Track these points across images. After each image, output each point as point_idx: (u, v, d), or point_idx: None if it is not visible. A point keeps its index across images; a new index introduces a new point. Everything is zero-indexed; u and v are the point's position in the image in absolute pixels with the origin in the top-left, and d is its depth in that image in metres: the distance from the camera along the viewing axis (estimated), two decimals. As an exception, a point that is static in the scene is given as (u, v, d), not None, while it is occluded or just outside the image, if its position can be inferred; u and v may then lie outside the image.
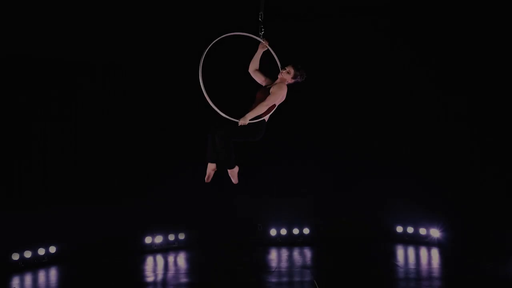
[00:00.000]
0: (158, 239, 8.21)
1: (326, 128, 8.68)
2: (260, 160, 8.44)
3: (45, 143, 8.21)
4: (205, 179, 5.06)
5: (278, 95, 4.78)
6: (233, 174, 5.15)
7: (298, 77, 4.90)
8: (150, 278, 6.68)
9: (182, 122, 8.69)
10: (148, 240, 8.17)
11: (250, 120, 4.67)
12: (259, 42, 4.90)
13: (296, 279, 6.46)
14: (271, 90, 4.79)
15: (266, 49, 4.93)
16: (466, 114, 8.32)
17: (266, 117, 4.83)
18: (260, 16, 4.91)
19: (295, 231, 8.49)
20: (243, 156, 8.67)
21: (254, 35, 4.89)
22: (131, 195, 8.44)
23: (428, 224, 8.07)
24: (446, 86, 8.43)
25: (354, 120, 8.73)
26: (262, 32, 4.90)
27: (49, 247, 7.50)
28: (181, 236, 8.40)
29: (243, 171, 8.62)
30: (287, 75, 4.88)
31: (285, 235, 8.48)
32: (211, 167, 5.02)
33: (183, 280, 6.54)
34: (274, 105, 4.82)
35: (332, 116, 8.73)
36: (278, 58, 4.98)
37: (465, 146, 8.32)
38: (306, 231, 8.48)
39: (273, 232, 8.49)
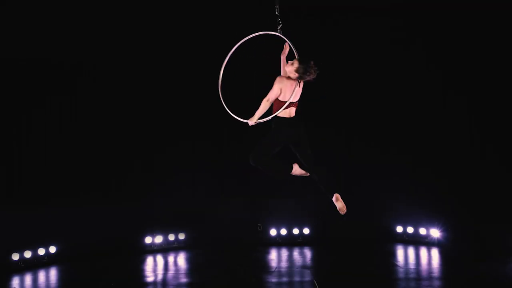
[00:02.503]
0: (158, 239, 8.21)
1: (326, 128, 8.67)
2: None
3: (45, 143, 8.22)
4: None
5: (272, 89, 4.58)
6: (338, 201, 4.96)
7: (302, 72, 4.56)
8: (150, 278, 6.68)
9: (183, 122, 8.70)
10: (148, 240, 8.17)
11: (259, 118, 4.60)
12: (280, 44, 4.85)
13: (296, 279, 6.46)
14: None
15: (287, 54, 4.86)
16: (467, 115, 8.33)
17: (281, 114, 4.63)
18: (276, 10, 4.86)
19: (295, 231, 8.49)
20: (244, 156, 8.74)
21: (272, 31, 4.83)
22: (131, 195, 8.45)
23: (428, 224, 8.08)
24: (447, 87, 8.45)
25: (355, 120, 8.73)
26: (280, 26, 4.84)
27: (49, 247, 7.50)
28: (181, 236, 8.40)
29: (243, 171, 8.72)
30: (289, 67, 4.63)
31: (285, 235, 8.48)
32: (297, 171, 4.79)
33: (183, 280, 6.54)
34: (280, 101, 4.59)
35: (333, 116, 8.73)
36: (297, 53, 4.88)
37: (465, 146, 8.33)
38: (306, 231, 8.48)
39: (273, 232, 8.49)
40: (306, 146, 4.78)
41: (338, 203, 4.91)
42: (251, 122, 4.68)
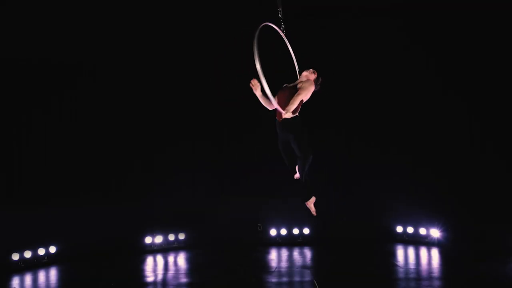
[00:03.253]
0: (158, 239, 8.21)
1: (326, 128, 8.67)
2: (261, 160, 8.45)
3: (45, 143, 8.22)
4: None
5: (309, 89, 4.73)
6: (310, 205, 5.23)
7: (318, 83, 4.91)
8: (150, 278, 6.68)
9: (183, 122, 8.71)
10: (148, 240, 8.18)
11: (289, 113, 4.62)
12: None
13: (296, 279, 6.46)
14: (301, 85, 4.73)
15: (259, 91, 4.77)
16: (467, 115, 8.33)
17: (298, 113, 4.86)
18: (279, 13, 4.91)
19: (295, 231, 8.49)
20: (244, 156, 8.76)
21: (279, 29, 4.87)
22: (131, 195, 8.45)
23: (428, 224, 8.08)
24: (447, 88, 8.44)
25: (355, 120, 8.73)
26: (283, 28, 4.89)
27: (49, 247, 7.51)
28: (181, 236, 8.40)
29: (243, 171, 8.73)
30: (312, 75, 4.89)
31: (285, 235, 8.49)
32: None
33: (183, 280, 6.54)
34: (302, 101, 4.75)
35: (332, 116, 8.72)
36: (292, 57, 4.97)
37: (465, 146, 8.32)
38: (306, 231, 8.48)
39: (273, 232, 8.50)
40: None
41: (312, 205, 5.24)
42: (287, 115, 4.59)
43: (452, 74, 8.36)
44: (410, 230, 8.26)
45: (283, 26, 4.90)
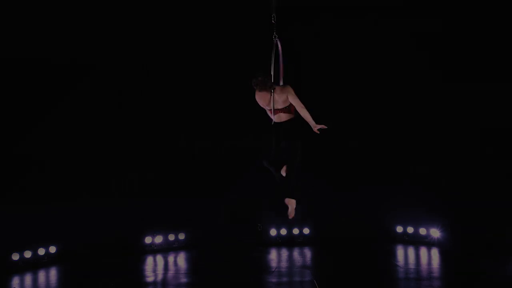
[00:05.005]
0: (158, 239, 8.21)
1: (326, 129, 8.66)
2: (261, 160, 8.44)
3: (45, 143, 8.23)
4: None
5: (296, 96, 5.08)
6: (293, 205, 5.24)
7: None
8: (150, 278, 6.68)
9: (182, 121, 8.71)
10: (148, 240, 8.17)
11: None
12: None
13: (296, 279, 6.46)
14: (291, 96, 5.01)
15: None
16: (468, 114, 8.33)
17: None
18: (272, 18, 4.91)
19: (295, 231, 8.49)
20: (244, 155, 8.75)
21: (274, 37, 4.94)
22: (131, 195, 8.45)
23: (428, 224, 8.07)
24: (447, 87, 8.44)
25: (355, 120, 8.72)
26: (275, 35, 4.90)
27: (49, 247, 7.50)
28: (181, 236, 8.40)
29: (243, 171, 8.73)
30: None
31: (285, 235, 8.48)
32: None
33: (183, 280, 6.54)
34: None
35: (332, 116, 8.71)
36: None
37: (465, 145, 8.32)
38: (306, 231, 8.48)
39: (273, 232, 8.49)
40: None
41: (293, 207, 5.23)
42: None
43: (452, 73, 8.35)
44: (410, 230, 8.26)
45: (275, 35, 4.91)
